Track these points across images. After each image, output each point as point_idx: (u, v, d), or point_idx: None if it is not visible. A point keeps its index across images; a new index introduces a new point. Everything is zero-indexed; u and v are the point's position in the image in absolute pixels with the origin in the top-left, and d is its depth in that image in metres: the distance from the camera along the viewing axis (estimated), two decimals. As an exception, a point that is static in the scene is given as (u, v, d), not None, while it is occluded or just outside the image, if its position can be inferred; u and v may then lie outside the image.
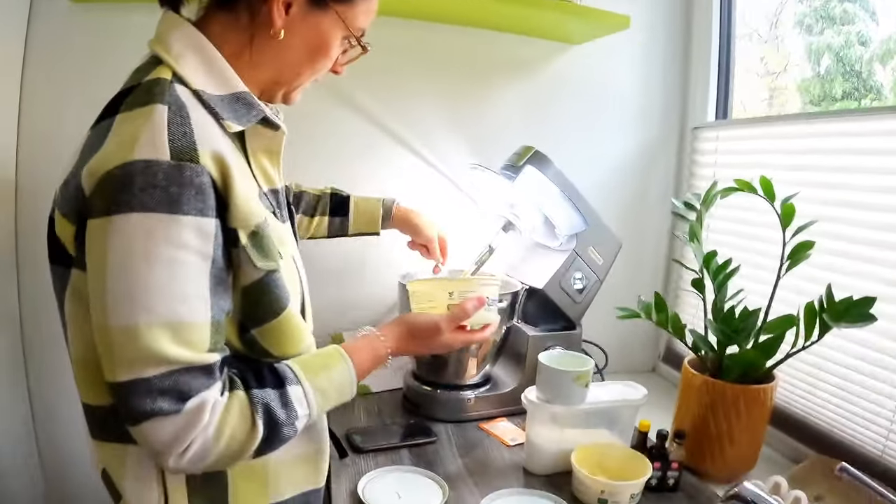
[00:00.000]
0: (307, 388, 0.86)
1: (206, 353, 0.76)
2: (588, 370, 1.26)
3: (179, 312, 0.74)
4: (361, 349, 0.99)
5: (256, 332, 0.86)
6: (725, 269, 1.34)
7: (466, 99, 1.76)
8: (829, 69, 1.82)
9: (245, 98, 0.86)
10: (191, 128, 0.75)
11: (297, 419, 0.85)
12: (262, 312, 0.85)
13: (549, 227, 1.51)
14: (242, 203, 0.79)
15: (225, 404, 0.78)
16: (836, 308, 1.18)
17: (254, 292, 0.84)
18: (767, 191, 1.28)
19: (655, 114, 1.88)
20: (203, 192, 0.74)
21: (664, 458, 1.24)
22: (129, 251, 0.71)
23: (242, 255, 0.80)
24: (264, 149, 0.92)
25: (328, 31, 0.90)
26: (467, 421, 1.47)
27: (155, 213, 0.71)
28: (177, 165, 0.72)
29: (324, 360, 0.92)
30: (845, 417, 1.35)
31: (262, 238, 0.82)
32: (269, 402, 0.81)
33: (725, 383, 1.28)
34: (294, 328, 0.89)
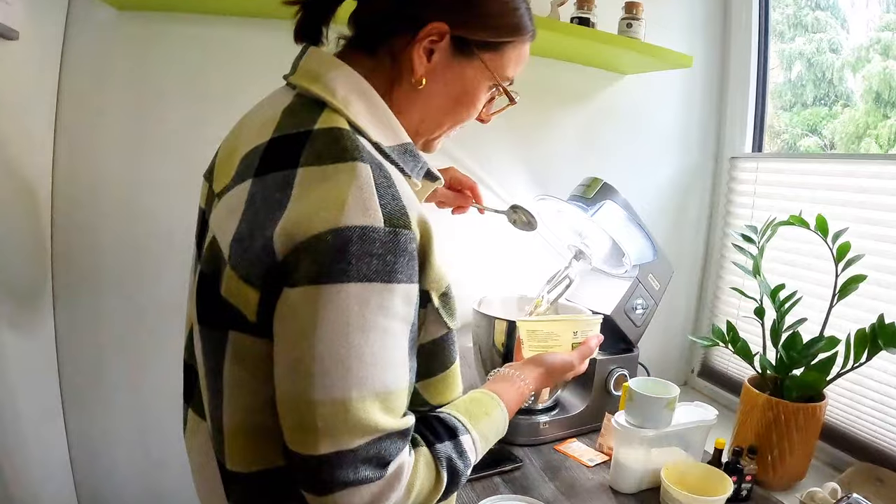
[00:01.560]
0: (475, 436, 0.86)
1: (403, 417, 0.75)
2: (676, 396, 1.34)
3: (387, 382, 0.72)
4: (508, 391, 1.00)
5: (420, 385, 0.85)
6: (788, 301, 1.46)
7: (523, 126, 1.81)
8: (801, 75, 1.90)
9: (411, 150, 0.83)
10: (396, 190, 0.72)
11: (470, 466, 0.85)
12: (435, 367, 0.85)
13: (613, 255, 1.59)
14: (437, 265, 0.77)
15: (414, 463, 0.76)
16: (888, 333, 1.32)
17: (432, 349, 0.83)
18: (822, 227, 1.41)
19: (694, 143, 2.00)
20: (414, 259, 0.72)
21: (739, 472, 1.34)
22: (344, 322, 0.68)
23: (431, 315, 0.80)
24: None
25: (473, 80, 0.86)
26: (542, 444, 1.53)
27: (372, 283, 0.68)
28: (392, 232, 0.69)
29: (484, 408, 0.91)
30: (885, 429, 1.51)
31: (451, 298, 0.82)
32: (449, 454, 0.81)
33: (787, 402, 1.40)
34: (456, 379, 0.90)
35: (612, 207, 1.50)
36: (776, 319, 1.47)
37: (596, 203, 1.50)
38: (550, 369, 1.11)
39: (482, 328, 1.52)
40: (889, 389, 1.50)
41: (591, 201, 1.51)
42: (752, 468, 1.36)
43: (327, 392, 0.68)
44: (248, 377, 0.76)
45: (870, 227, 1.53)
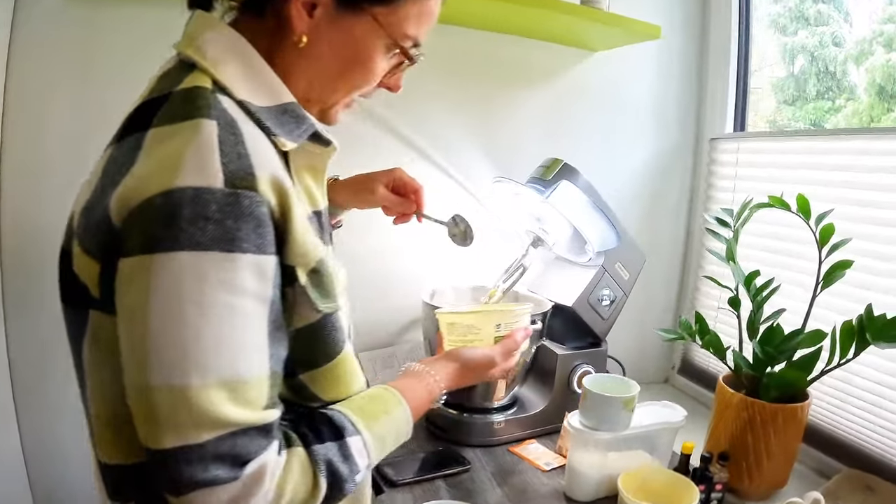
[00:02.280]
0: (367, 437, 0.77)
1: (264, 410, 0.65)
2: (635, 395, 1.20)
3: (238, 368, 0.62)
4: (415, 388, 0.90)
5: (306, 377, 0.76)
6: (765, 289, 1.30)
7: (484, 105, 1.67)
8: (804, 69, 1.82)
9: (294, 110, 0.74)
10: (245, 148, 0.63)
11: (358, 472, 0.75)
12: (317, 356, 0.76)
13: (576, 242, 1.45)
14: (301, 236, 0.68)
15: (284, 464, 0.67)
16: (876, 325, 1.16)
17: (309, 335, 0.73)
18: (803, 209, 1.25)
19: (672, 124, 1.84)
20: (262, 226, 0.63)
21: (708, 480, 1.20)
22: (177, 297, 0.59)
23: (300, 295, 0.70)
24: (309, 166, 0.79)
25: (364, 39, 0.76)
26: (496, 445, 1.40)
27: (208, 251, 0.59)
28: (232, 194, 0.60)
29: (381, 406, 0.82)
30: (875, 432, 1.34)
31: (323, 276, 0.72)
32: (330, 457, 0.71)
33: (764, 402, 1.24)
34: (348, 371, 0.80)
35: (569, 189, 1.35)
36: (752, 310, 1.31)
37: (553, 185, 1.36)
38: (467, 365, 1.00)
39: (430, 320, 1.39)
40: (880, 388, 1.33)
41: (549, 183, 1.37)
42: (722, 476, 1.21)
43: (164, 377, 0.60)
44: (105, 360, 0.68)
45: (858, 209, 1.37)
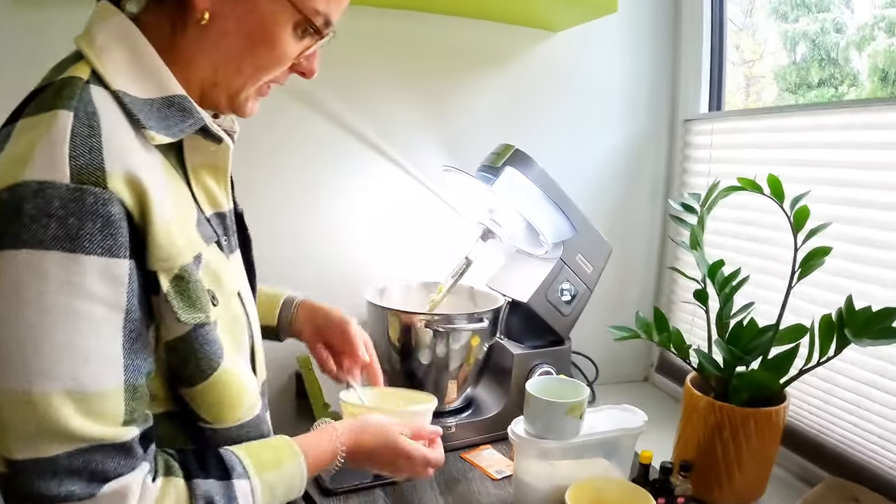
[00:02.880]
0: (255, 484, 0.70)
1: (121, 426, 0.60)
2: (582, 400, 1.08)
3: (82, 378, 0.57)
4: (320, 444, 0.81)
5: (185, 394, 0.70)
6: (733, 280, 1.17)
7: (439, 94, 1.55)
8: (805, 56, 1.71)
9: (180, 103, 0.68)
10: (100, 141, 0.58)
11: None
12: (190, 373, 0.68)
13: (532, 233, 1.33)
14: (164, 239, 0.62)
15: (158, 492, 0.62)
16: (857, 320, 1.02)
17: (179, 349, 0.67)
18: (776, 190, 1.11)
19: (642, 106, 1.69)
20: (112, 226, 0.57)
21: (669, 492, 1.07)
22: (16, 298, 0.55)
23: (163, 305, 0.64)
24: (208, 165, 0.74)
25: (269, 14, 0.69)
26: (448, 451, 1.28)
27: (50, 251, 0.55)
28: (77, 190, 0.56)
29: (276, 455, 0.75)
30: (861, 437, 1.20)
31: (189, 283, 0.66)
32: (212, 495, 0.65)
33: (734, 406, 1.11)
34: (229, 391, 0.72)
35: (517, 176, 1.23)
36: (720, 304, 1.18)
37: (501, 173, 1.25)
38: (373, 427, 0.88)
39: (376, 321, 1.29)
40: (866, 389, 1.18)
41: (498, 171, 1.25)
42: (685, 488, 1.08)
43: (6, 380, 0.56)
44: None
45: (839, 190, 1.22)
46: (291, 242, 1.50)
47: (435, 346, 1.24)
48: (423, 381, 1.29)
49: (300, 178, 1.49)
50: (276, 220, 1.47)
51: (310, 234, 1.51)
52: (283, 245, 1.48)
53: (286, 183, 1.47)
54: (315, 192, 1.50)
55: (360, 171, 1.52)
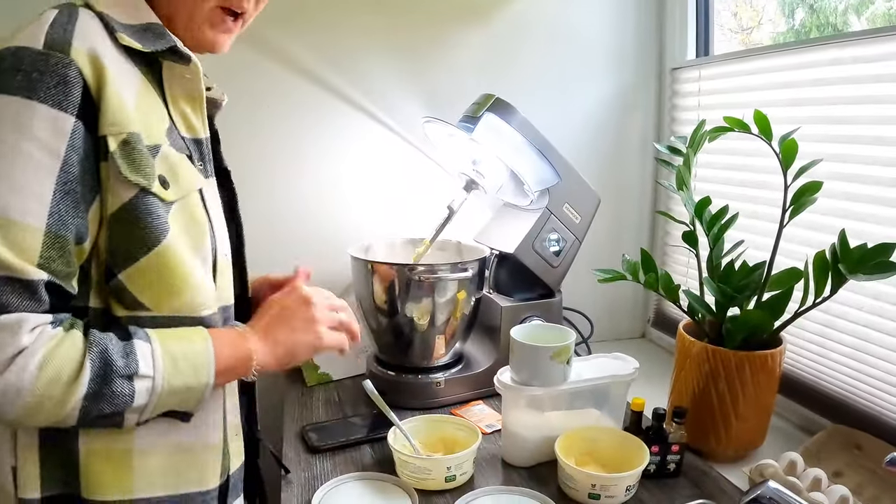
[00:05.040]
0: (156, 347, 0.68)
1: (32, 265, 0.62)
2: (568, 344, 1.01)
3: (9, 204, 0.61)
4: (222, 332, 0.76)
5: (124, 276, 0.69)
6: (721, 218, 1.09)
7: (419, 50, 1.47)
8: (804, 22, 1.60)
9: (155, 29, 0.73)
10: (73, 26, 0.66)
11: (138, 375, 0.66)
12: (133, 245, 0.68)
13: (517, 184, 1.25)
14: (116, 107, 0.66)
15: (57, 337, 0.63)
16: (852, 256, 0.94)
17: (124, 219, 0.68)
18: (763, 128, 1.02)
19: (629, 56, 1.60)
20: (66, 84, 0.64)
21: (663, 440, 1.00)
22: None
23: (111, 166, 0.67)
24: (185, 94, 0.77)
25: None
26: (439, 407, 1.22)
27: (10, 95, 0.62)
28: (44, 53, 0.64)
29: (182, 332, 0.72)
30: (862, 381, 1.11)
31: (135, 149, 0.68)
32: (106, 345, 0.65)
33: (727, 350, 1.03)
34: (169, 273, 0.70)
35: (497, 123, 1.16)
36: (710, 245, 1.10)
37: (480, 121, 1.17)
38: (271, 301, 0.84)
39: (360, 278, 1.22)
40: (866, 331, 1.09)
41: (479, 120, 1.18)
42: (679, 435, 1.01)
43: None
44: None
45: (830, 127, 1.13)
46: (277, 203, 1.44)
47: (420, 299, 1.17)
48: (410, 338, 1.22)
49: (284, 138, 1.43)
50: (260, 181, 1.41)
51: (295, 195, 1.45)
52: (268, 206, 1.42)
53: (269, 144, 1.42)
54: (299, 153, 1.44)
55: (344, 132, 1.45)
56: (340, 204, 1.48)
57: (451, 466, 0.96)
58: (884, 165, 1.05)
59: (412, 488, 0.96)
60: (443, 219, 1.24)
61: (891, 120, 1.03)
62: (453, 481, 0.97)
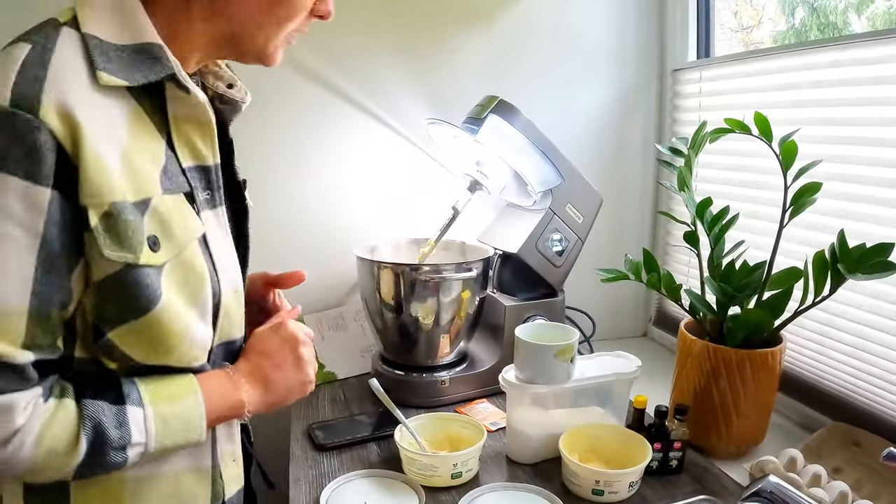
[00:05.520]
0: (149, 413, 0.67)
1: (17, 348, 0.59)
2: (572, 343, 1.02)
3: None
4: (213, 381, 0.75)
5: (114, 335, 0.66)
6: (722, 218, 1.10)
7: (422, 52, 1.48)
8: (804, 21, 1.61)
9: (151, 51, 0.66)
10: (45, 73, 0.58)
11: (130, 445, 0.66)
12: (122, 309, 0.65)
13: (520, 184, 1.27)
14: (94, 174, 0.60)
15: (50, 410, 0.62)
16: (851, 256, 0.95)
17: (110, 289, 0.64)
18: (764, 130, 1.03)
19: (631, 58, 1.61)
20: (37, 153, 0.57)
21: (665, 437, 1.01)
22: None
23: (93, 240, 0.62)
24: (192, 119, 0.72)
25: None
26: (443, 405, 1.24)
27: None
28: (9, 114, 0.56)
29: (175, 390, 0.71)
30: (861, 380, 1.12)
31: (118, 221, 0.62)
32: (100, 418, 0.64)
33: (728, 348, 1.05)
34: (165, 331, 0.68)
35: (501, 125, 1.17)
36: (711, 245, 1.11)
37: (484, 122, 1.18)
38: (254, 340, 0.83)
39: (366, 278, 1.24)
40: (865, 330, 1.10)
41: (483, 121, 1.19)
42: (681, 432, 1.02)
43: None
44: None
45: (830, 128, 1.14)
46: (282, 204, 1.44)
47: (425, 299, 1.19)
48: (415, 337, 1.23)
49: (289, 139, 1.43)
50: (266, 183, 1.41)
51: (300, 196, 1.46)
52: (274, 207, 1.43)
53: (274, 145, 1.42)
54: (304, 154, 1.45)
55: (348, 133, 1.46)
56: (345, 205, 1.49)
57: (458, 463, 0.97)
58: (883, 167, 1.06)
59: (419, 485, 0.97)
60: (447, 219, 1.25)
61: (890, 122, 1.04)
62: (459, 478, 0.98)
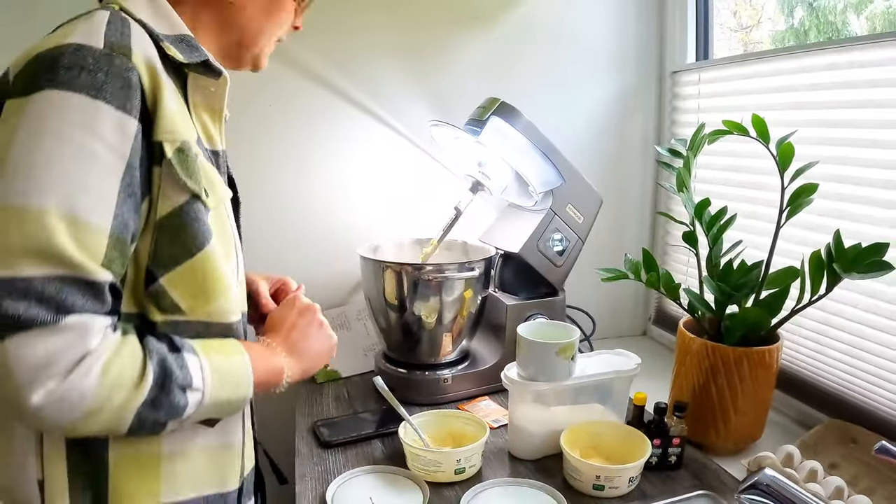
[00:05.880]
0: (204, 362, 0.69)
1: (99, 266, 0.61)
2: (573, 341, 1.04)
3: (79, 205, 0.61)
4: (254, 346, 0.79)
5: (166, 280, 0.69)
6: (720, 218, 1.12)
7: (424, 53, 1.50)
8: (803, 21, 1.62)
9: (189, 41, 0.74)
10: (129, 32, 0.67)
11: (191, 388, 0.67)
12: (178, 249, 0.69)
13: (522, 185, 1.28)
14: (170, 115, 0.68)
15: (118, 341, 0.63)
16: (847, 256, 0.96)
17: (172, 224, 0.69)
18: (761, 131, 1.05)
19: (630, 59, 1.63)
20: (130, 88, 0.64)
21: (664, 433, 1.03)
22: (38, 128, 0.61)
23: (166, 171, 0.68)
24: (206, 105, 0.78)
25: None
26: (446, 403, 1.25)
27: (76, 93, 0.61)
28: (108, 53, 0.64)
29: (221, 346, 0.74)
30: (857, 377, 1.14)
31: (188, 156, 0.69)
32: (165, 354, 0.66)
33: (726, 346, 1.06)
34: (211, 277, 0.72)
35: (503, 127, 1.18)
36: (710, 245, 1.13)
37: (486, 124, 1.20)
38: (278, 313, 0.90)
39: (370, 277, 1.25)
40: (861, 328, 1.12)
41: (484, 123, 1.21)
42: (680, 428, 1.03)
43: (8, 197, 0.59)
44: None
45: (827, 130, 1.16)
46: (286, 205, 1.46)
47: (428, 298, 1.20)
48: (418, 335, 1.25)
49: (292, 141, 1.45)
50: (270, 184, 1.43)
51: (304, 197, 1.48)
52: (278, 208, 1.45)
53: (278, 147, 1.44)
54: (308, 156, 1.46)
55: (351, 134, 1.47)
56: (349, 205, 1.50)
57: (461, 459, 0.99)
58: (878, 168, 1.08)
59: (423, 481, 0.98)
60: (450, 219, 1.27)
61: (885, 124, 1.06)
62: (462, 473, 1.00)
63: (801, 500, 0.73)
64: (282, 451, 1.17)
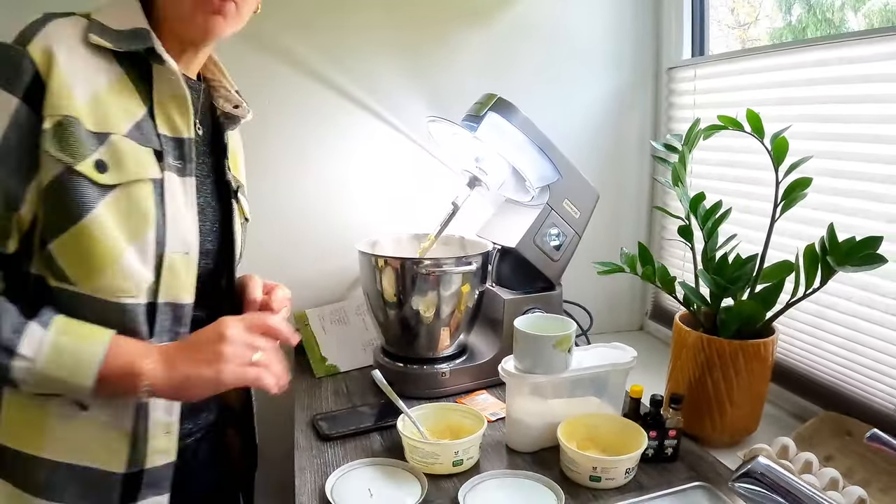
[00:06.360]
0: (48, 338, 0.72)
1: None
2: (569, 334, 1.04)
3: None
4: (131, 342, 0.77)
5: (53, 245, 0.75)
6: (715, 212, 1.12)
7: (422, 50, 1.50)
8: (801, 18, 1.62)
9: (140, 33, 0.80)
10: (43, 28, 0.75)
11: (17, 355, 0.70)
12: (62, 217, 0.74)
13: (518, 180, 1.29)
14: (58, 94, 0.74)
15: None
16: (840, 249, 0.97)
17: (53, 192, 0.74)
18: (756, 127, 1.06)
19: (627, 56, 1.63)
20: (16, 68, 0.73)
21: (661, 425, 1.03)
22: None
23: (44, 146, 0.73)
24: (172, 96, 0.83)
25: None
26: (444, 397, 1.26)
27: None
28: (8, 46, 0.74)
29: (87, 332, 0.75)
30: (852, 370, 1.15)
31: (67, 131, 0.74)
32: (2, 313, 0.71)
33: (722, 339, 1.07)
34: (92, 250, 0.75)
35: (500, 122, 1.19)
36: (705, 239, 1.14)
37: (483, 120, 1.21)
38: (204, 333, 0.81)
39: (367, 272, 1.26)
40: (855, 321, 1.13)
41: (482, 119, 1.21)
42: (676, 420, 1.04)
43: None
44: None
45: (820, 125, 1.17)
46: (284, 202, 1.47)
47: (426, 292, 1.21)
48: (416, 330, 1.25)
49: (290, 138, 1.46)
50: (268, 181, 1.44)
51: (302, 194, 1.49)
52: (276, 205, 1.46)
53: (276, 144, 1.45)
54: (306, 152, 1.47)
55: (349, 131, 1.48)
56: (347, 201, 1.51)
57: (459, 451, 1.00)
58: (871, 162, 1.08)
59: (421, 473, 0.99)
60: (447, 215, 1.27)
61: (879, 118, 1.07)
62: (460, 465, 1.01)
63: (795, 487, 0.74)
64: (281, 445, 1.18)
